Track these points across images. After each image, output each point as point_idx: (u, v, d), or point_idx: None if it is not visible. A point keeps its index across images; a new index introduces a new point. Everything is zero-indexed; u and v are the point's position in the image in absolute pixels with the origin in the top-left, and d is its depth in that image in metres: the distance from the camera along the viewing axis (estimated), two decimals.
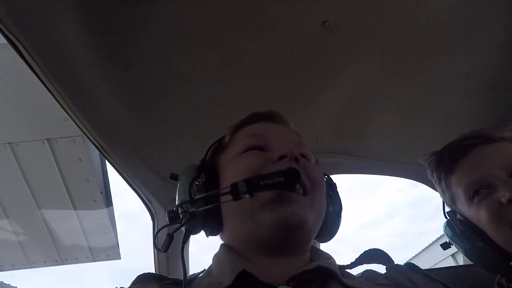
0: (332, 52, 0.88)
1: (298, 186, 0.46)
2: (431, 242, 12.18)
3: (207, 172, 0.54)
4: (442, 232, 0.74)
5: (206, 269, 0.54)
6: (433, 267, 0.92)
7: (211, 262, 0.53)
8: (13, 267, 1.37)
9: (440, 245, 0.75)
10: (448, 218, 0.70)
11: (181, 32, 0.80)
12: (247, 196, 0.42)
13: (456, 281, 0.81)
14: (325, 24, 0.80)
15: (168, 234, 0.53)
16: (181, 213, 0.50)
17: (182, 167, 0.60)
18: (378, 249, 0.59)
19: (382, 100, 1.03)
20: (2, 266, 1.35)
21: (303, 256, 0.50)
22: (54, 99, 0.79)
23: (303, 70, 0.93)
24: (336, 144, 1.21)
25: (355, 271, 0.56)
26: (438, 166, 0.72)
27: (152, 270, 1.19)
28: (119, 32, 0.77)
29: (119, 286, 0.51)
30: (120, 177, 1.10)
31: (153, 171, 1.19)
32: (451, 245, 0.72)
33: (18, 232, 1.26)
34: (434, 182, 0.75)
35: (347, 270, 0.54)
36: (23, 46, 0.65)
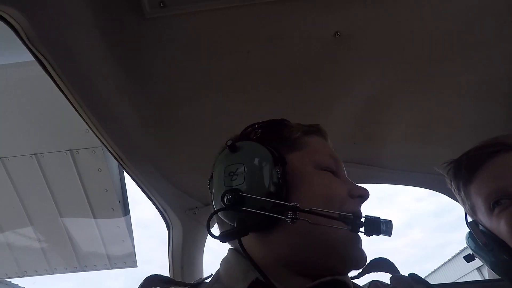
0: (344, 62, 0.88)
1: None
2: (455, 254, 11.67)
3: (285, 166, 0.48)
4: (465, 244, 0.71)
5: (213, 274, 0.53)
6: (457, 281, 0.87)
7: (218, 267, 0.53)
8: (36, 272, 1.42)
9: (464, 257, 0.72)
10: (470, 229, 0.67)
11: (196, 45, 0.82)
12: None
13: None
14: (337, 35, 0.80)
15: (235, 228, 0.46)
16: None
17: (196, 175, 0.60)
18: (385, 258, 0.59)
19: (396, 109, 1.02)
20: (26, 271, 1.40)
21: None
22: (76, 111, 0.83)
23: (316, 80, 0.93)
24: (351, 154, 1.20)
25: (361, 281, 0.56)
26: (456, 175, 0.70)
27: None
28: (137, 46, 0.81)
29: None
30: (136, 186, 1.13)
31: (168, 180, 1.21)
32: (475, 258, 0.69)
33: (41, 239, 1.31)
34: (453, 191, 0.73)
35: (355, 281, 0.54)
36: (49, 63, 0.69)
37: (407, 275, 0.54)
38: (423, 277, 0.56)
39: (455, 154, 0.74)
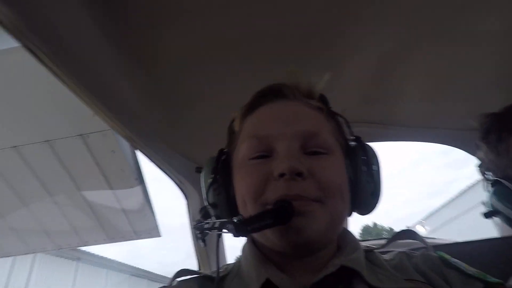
0: (356, 17, 0.81)
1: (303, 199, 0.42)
2: (462, 190, 11.95)
3: (222, 172, 0.52)
4: (472, 181, 0.70)
5: (236, 262, 0.54)
6: (472, 240, 0.87)
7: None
8: (69, 245, 1.54)
9: (484, 214, 0.71)
10: (504, 183, 0.65)
11: (196, 14, 0.76)
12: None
13: (495, 254, 0.77)
14: None
15: (201, 239, 0.54)
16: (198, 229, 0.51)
17: (211, 148, 0.59)
18: (412, 230, 0.56)
19: (411, 64, 0.95)
20: (60, 245, 1.51)
21: (328, 248, 0.47)
22: (78, 97, 0.81)
23: (326, 38, 0.87)
24: (364, 113, 1.16)
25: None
26: (501, 125, 0.67)
27: None
28: (138, 25, 0.76)
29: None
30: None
31: (180, 154, 1.22)
32: (497, 215, 0.68)
33: (70, 219, 1.39)
34: (486, 145, 0.70)
35: (379, 252, 0.51)
36: (41, 51, 0.65)
37: (437, 256, 0.48)
38: (430, 213, 0.53)
39: (472, 110, 0.72)
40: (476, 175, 0.79)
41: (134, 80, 0.91)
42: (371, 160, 0.50)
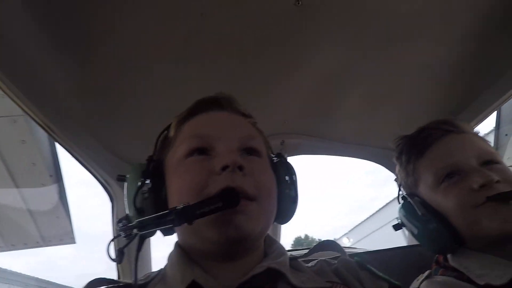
0: (304, 33, 0.84)
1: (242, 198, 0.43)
2: (382, 206, 13.29)
3: (154, 177, 0.49)
4: (391, 198, 0.78)
5: (161, 269, 0.52)
6: (381, 249, 1.02)
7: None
8: None
9: (393, 226, 0.78)
10: (408, 200, 0.72)
11: (145, 3, 0.70)
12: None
13: (400, 260, 0.91)
14: (298, 3, 0.76)
15: (118, 249, 0.48)
16: (128, 228, 0.45)
17: (142, 147, 0.55)
18: (332, 240, 0.61)
19: (350, 83, 1.03)
20: None
21: (255, 254, 0.49)
22: None
23: (273, 49, 0.89)
24: (303, 125, 1.21)
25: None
26: (410, 148, 0.73)
27: None
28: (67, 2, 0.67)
29: None
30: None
31: (109, 150, 1.11)
32: (404, 227, 0.75)
33: None
34: (399, 165, 0.77)
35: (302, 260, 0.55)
36: None
37: (354, 260, 0.54)
38: (354, 226, 0.58)
39: (401, 131, 0.77)
40: (394, 194, 0.89)
41: (65, 63, 0.80)
42: (291, 173, 0.55)
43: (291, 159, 0.62)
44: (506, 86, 0.97)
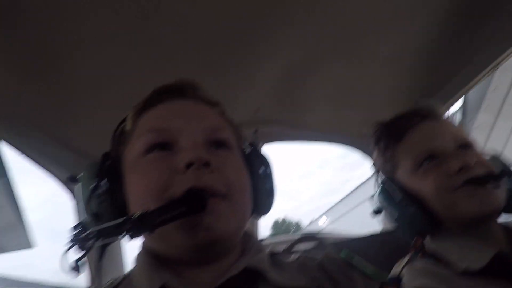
0: (271, 21, 0.81)
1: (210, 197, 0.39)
2: (354, 188, 13.81)
3: (110, 176, 0.44)
4: (363, 179, 0.78)
5: (127, 273, 0.47)
6: (359, 237, 1.04)
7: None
8: None
9: (372, 211, 0.77)
10: (386, 185, 0.72)
11: None
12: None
13: (378, 247, 0.91)
14: None
15: (76, 260, 0.42)
16: (80, 239, 0.41)
17: (101, 139, 0.49)
18: (312, 233, 0.59)
19: (318, 73, 1.02)
20: None
21: (231, 254, 0.45)
22: None
23: (240, 37, 0.85)
24: (276, 113, 1.19)
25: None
26: (388, 134, 0.74)
27: None
28: None
29: None
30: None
31: (67, 147, 1.02)
32: (382, 211, 0.75)
33: None
34: (377, 151, 0.77)
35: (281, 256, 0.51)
36: None
37: (341, 257, 0.50)
38: (329, 208, 0.57)
39: (371, 117, 0.78)
40: (365, 176, 0.89)
41: (7, 49, 0.69)
42: (266, 164, 0.51)
43: (266, 148, 0.58)
44: (473, 72, 1.00)
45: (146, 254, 0.44)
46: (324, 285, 0.44)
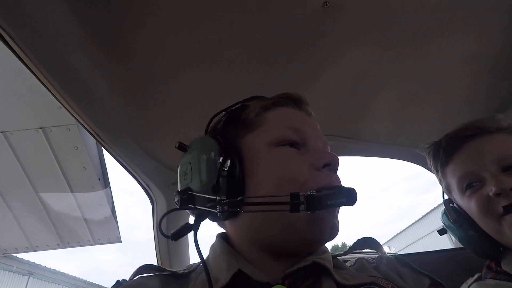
0: (333, 34, 0.84)
1: None
2: (425, 213, 12.51)
3: (232, 155, 0.47)
4: (435, 204, 0.76)
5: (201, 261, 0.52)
6: (427, 251, 0.97)
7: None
8: (17, 250, 1.40)
9: (438, 231, 0.77)
10: (444, 206, 0.72)
11: (177, 13, 0.76)
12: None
13: (446, 262, 0.87)
14: (326, 5, 0.76)
15: (186, 224, 0.46)
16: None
17: (178, 152, 0.53)
18: (371, 237, 0.60)
19: (383, 83, 1.01)
20: (5, 250, 1.38)
21: (305, 253, 0.49)
22: (45, 88, 0.76)
23: (303, 52, 0.89)
24: (336, 127, 1.19)
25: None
26: (435, 156, 0.73)
27: None
28: (111, 17, 0.73)
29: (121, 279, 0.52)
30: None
31: (150, 156, 1.18)
32: (447, 232, 0.74)
33: (19, 218, 1.27)
34: (435, 170, 0.76)
35: (341, 258, 0.55)
36: (10, 37, 0.62)
37: (393, 257, 0.54)
38: (395, 235, 0.57)
39: (438, 130, 0.75)
40: (437, 200, 0.85)
41: (109, 75, 0.88)
42: None
43: None
44: None
45: (223, 242, 0.50)
46: (378, 282, 0.47)
